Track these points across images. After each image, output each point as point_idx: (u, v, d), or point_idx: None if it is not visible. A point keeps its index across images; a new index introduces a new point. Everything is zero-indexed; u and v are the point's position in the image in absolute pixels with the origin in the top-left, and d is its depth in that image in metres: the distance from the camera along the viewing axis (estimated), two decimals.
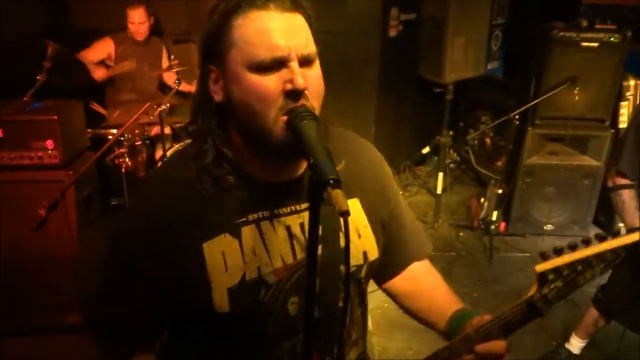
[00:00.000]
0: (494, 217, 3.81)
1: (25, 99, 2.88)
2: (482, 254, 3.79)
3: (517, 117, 3.70)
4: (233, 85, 0.96)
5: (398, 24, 4.52)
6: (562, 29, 3.55)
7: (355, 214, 1.12)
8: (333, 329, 1.08)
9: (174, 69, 3.70)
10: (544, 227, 3.91)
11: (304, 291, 0.91)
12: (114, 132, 3.46)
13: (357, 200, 1.13)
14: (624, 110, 3.74)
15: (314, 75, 0.97)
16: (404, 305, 1.28)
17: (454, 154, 5.10)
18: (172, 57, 4.07)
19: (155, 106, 3.47)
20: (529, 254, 3.74)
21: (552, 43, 3.56)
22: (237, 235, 1.01)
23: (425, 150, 4.59)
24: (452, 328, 1.11)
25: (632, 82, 3.72)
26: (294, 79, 0.92)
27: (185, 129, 3.78)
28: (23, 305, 2.67)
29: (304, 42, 0.95)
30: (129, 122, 3.06)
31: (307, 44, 0.96)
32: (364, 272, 1.12)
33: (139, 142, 3.62)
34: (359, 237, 1.11)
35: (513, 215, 3.94)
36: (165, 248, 0.99)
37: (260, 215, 1.03)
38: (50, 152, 2.57)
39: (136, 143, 3.60)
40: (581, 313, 2.75)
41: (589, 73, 3.56)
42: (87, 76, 3.67)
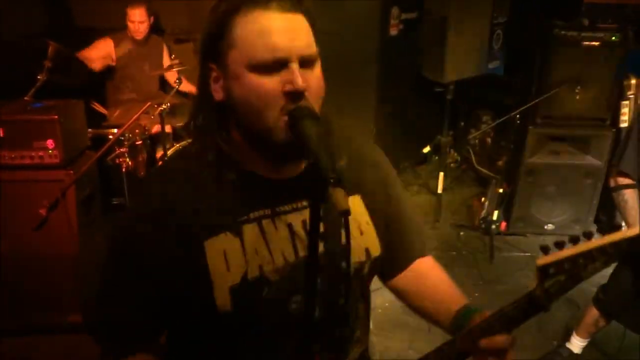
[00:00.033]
0: (494, 217, 3.80)
1: (26, 98, 2.88)
2: (483, 253, 3.78)
3: (518, 116, 3.70)
4: (233, 84, 0.96)
5: (399, 23, 4.51)
6: (563, 28, 3.54)
7: (357, 211, 1.11)
8: (335, 327, 1.08)
9: (175, 69, 3.70)
10: (545, 227, 3.91)
11: (305, 289, 0.91)
12: (115, 131, 3.45)
13: (359, 197, 1.12)
14: (625, 110, 3.73)
15: (315, 77, 0.97)
16: (410, 302, 1.26)
17: (455, 154, 5.10)
18: (173, 56, 4.06)
19: (155, 106, 3.47)
20: (530, 254, 3.73)
21: (553, 42, 3.55)
22: (238, 233, 1.00)
23: (426, 149, 4.58)
24: (457, 325, 1.10)
25: (633, 82, 3.70)
26: (294, 80, 0.92)
27: (186, 128, 3.77)
28: (23, 305, 2.67)
29: (305, 44, 0.95)
30: (130, 122, 3.06)
31: (308, 45, 0.96)
32: (367, 268, 1.12)
33: (140, 142, 3.62)
34: (361, 233, 1.11)
35: (514, 214, 3.93)
36: (166, 248, 0.99)
37: (262, 214, 1.03)
38: (51, 151, 2.57)
39: (137, 143, 3.59)
40: (581, 313, 2.75)
41: (590, 72, 3.56)
42: (87, 76, 3.67)
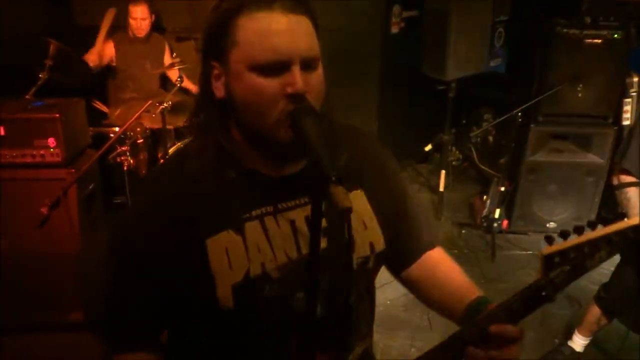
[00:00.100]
0: (496, 215, 3.79)
1: (27, 97, 2.89)
2: (484, 251, 3.78)
3: (520, 114, 3.69)
4: (235, 83, 0.96)
5: (400, 21, 4.51)
6: (565, 26, 3.53)
7: (360, 206, 1.10)
8: (339, 324, 1.07)
9: (176, 67, 3.69)
10: (547, 225, 3.89)
11: (307, 286, 0.91)
12: (116, 130, 3.45)
13: (362, 192, 1.12)
14: (627, 107, 3.71)
15: (316, 79, 0.96)
16: (422, 294, 1.25)
17: (457, 152, 5.09)
18: (174, 54, 4.06)
19: (157, 104, 3.47)
20: (531, 252, 3.72)
21: (555, 40, 3.54)
22: (240, 231, 1.00)
23: (428, 147, 4.57)
24: (470, 315, 1.08)
25: (635, 79, 3.69)
26: (295, 83, 0.92)
27: (188, 126, 3.76)
28: (25, 303, 2.67)
29: (307, 46, 0.94)
30: (131, 120, 3.06)
31: (311, 47, 0.95)
32: (372, 263, 1.11)
33: (141, 140, 3.62)
34: (365, 228, 1.10)
35: (516, 213, 3.92)
36: (167, 246, 0.99)
37: (264, 211, 1.02)
38: (52, 150, 2.57)
39: (138, 141, 3.59)
40: (583, 311, 2.74)
41: (592, 70, 3.55)
42: (88, 74, 3.67)
